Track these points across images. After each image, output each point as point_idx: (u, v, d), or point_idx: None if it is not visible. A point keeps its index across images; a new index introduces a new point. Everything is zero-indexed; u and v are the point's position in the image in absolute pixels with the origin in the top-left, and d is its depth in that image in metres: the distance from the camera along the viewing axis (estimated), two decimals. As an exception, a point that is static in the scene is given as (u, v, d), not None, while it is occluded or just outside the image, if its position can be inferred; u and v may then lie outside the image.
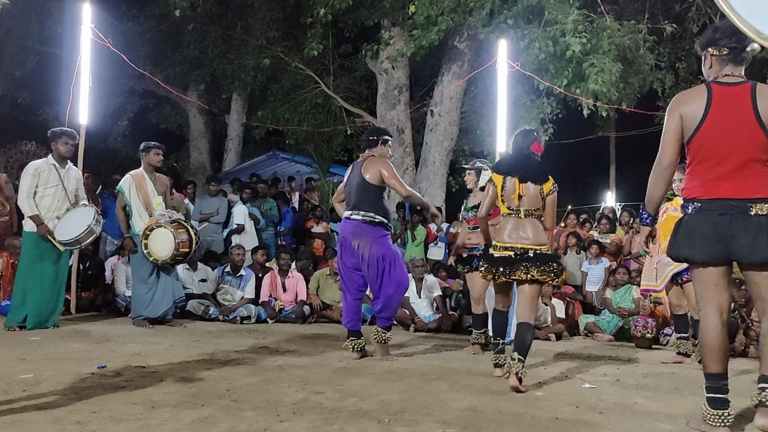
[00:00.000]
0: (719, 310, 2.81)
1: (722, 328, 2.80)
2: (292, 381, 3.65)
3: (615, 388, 3.88)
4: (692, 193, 2.86)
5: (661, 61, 9.96)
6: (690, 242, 2.82)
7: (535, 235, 3.86)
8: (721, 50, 2.84)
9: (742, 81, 2.81)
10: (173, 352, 4.55)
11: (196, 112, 13.79)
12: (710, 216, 2.77)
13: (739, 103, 2.76)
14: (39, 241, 5.57)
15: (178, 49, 12.73)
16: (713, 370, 2.79)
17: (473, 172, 5.40)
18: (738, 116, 2.75)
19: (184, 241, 5.92)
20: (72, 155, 5.86)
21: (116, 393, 3.20)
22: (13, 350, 4.39)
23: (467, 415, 3.04)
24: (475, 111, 11.61)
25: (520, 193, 3.89)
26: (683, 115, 2.85)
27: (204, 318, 6.84)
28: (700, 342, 2.87)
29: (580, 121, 10.32)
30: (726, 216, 2.73)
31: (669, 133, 2.90)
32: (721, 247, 2.74)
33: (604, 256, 7.92)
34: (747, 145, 2.74)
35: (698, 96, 2.84)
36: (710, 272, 2.81)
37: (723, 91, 2.81)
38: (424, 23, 9.13)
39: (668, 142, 2.90)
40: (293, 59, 12.00)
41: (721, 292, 2.82)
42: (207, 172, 13.17)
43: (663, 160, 2.92)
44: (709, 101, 2.79)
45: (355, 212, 4.65)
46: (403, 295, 4.94)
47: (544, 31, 8.55)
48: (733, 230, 2.72)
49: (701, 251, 2.79)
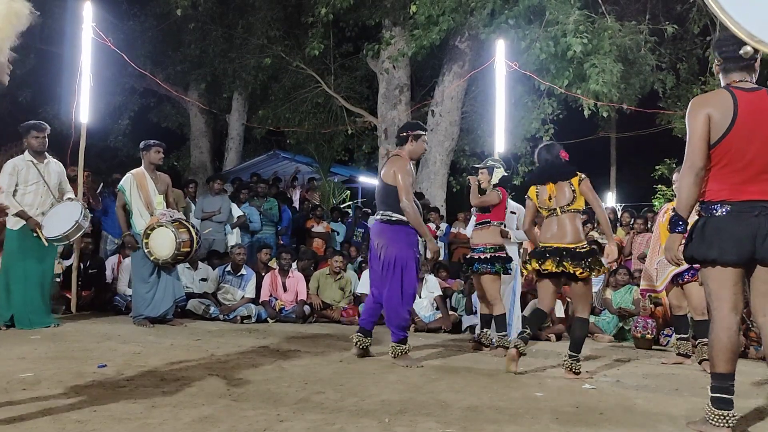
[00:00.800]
0: (735, 310, 2.82)
1: (737, 328, 2.81)
2: (293, 381, 3.65)
3: (615, 389, 3.88)
4: (720, 196, 2.85)
5: (662, 62, 9.95)
6: (719, 243, 2.81)
7: (573, 234, 4.17)
8: (721, 59, 2.92)
9: (757, 87, 2.87)
10: (173, 352, 4.55)
11: (196, 112, 13.79)
12: (743, 217, 2.78)
13: (761, 108, 2.81)
14: (22, 239, 5.48)
15: (179, 48, 12.72)
16: (722, 370, 2.78)
17: (485, 171, 5.38)
18: (762, 121, 2.80)
19: (185, 240, 5.91)
20: (45, 148, 5.68)
21: (116, 392, 3.20)
22: (13, 349, 4.39)
23: (467, 415, 3.04)
24: (476, 111, 11.60)
25: (551, 194, 4.25)
26: (712, 117, 2.84)
27: (204, 317, 6.85)
28: (712, 341, 2.84)
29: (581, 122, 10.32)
30: (761, 217, 2.76)
31: (697, 134, 2.86)
32: (750, 247, 2.76)
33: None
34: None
35: (724, 99, 2.85)
36: (732, 272, 2.82)
37: (745, 96, 2.85)
38: (425, 23, 9.13)
39: (697, 144, 2.86)
40: (294, 59, 12.00)
41: (738, 293, 2.83)
42: (208, 172, 13.16)
43: (696, 162, 2.86)
44: (736, 106, 2.82)
45: (377, 213, 4.66)
46: (406, 306, 4.59)
47: (545, 31, 8.54)
48: (765, 231, 2.74)
49: (731, 252, 2.78)
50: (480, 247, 5.31)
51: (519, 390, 3.69)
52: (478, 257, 5.28)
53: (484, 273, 5.24)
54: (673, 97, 10.53)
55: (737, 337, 2.81)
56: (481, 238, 5.33)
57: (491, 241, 5.28)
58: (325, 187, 12.53)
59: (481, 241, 5.32)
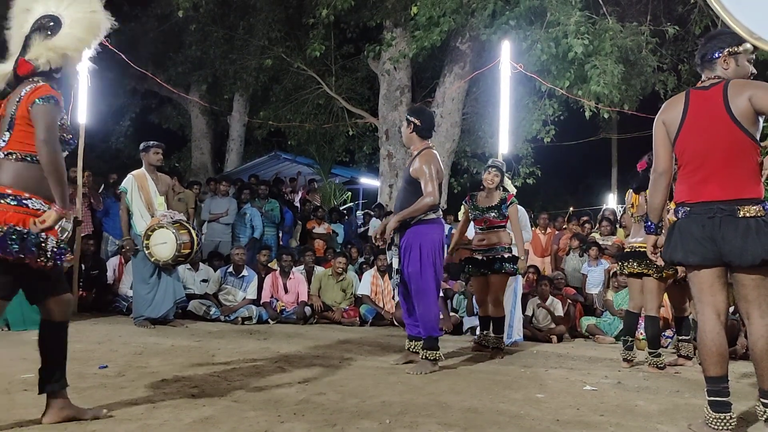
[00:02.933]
0: (716, 313, 2.81)
1: (720, 330, 2.79)
2: (293, 382, 3.65)
3: (616, 391, 3.88)
4: (681, 197, 2.89)
5: (663, 63, 9.95)
6: (683, 246, 2.83)
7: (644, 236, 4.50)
8: (695, 61, 2.99)
9: (716, 82, 2.84)
10: (174, 353, 4.56)
11: (198, 113, 13.81)
12: (699, 219, 2.79)
13: (713, 105, 2.79)
14: None
15: (180, 49, 12.74)
16: (712, 374, 2.78)
17: (495, 171, 5.22)
18: (712, 117, 2.78)
19: (185, 242, 5.92)
20: None
21: (117, 393, 3.20)
22: (14, 350, 4.39)
23: (468, 416, 3.03)
24: (477, 112, 11.60)
25: (633, 202, 4.90)
26: (665, 121, 2.96)
27: (205, 318, 6.85)
28: (699, 345, 2.87)
29: (582, 123, 10.32)
30: (714, 219, 2.74)
31: (656, 140, 3.00)
32: (712, 249, 2.75)
33: (604, 258, 7.91)
34: (725, 145, 2.76)
35: (677, 102, 2.94)
36: (705, 274, 2.82)
37: (698, 95, 2.88)
38: (426, 24, 9.13)
39: (657, 149, 3.00)
40: (295, 60, 12.01)
41: (716, 294, 2.82)
42: (209, 173, 13.18)
43: (657, 167, 3.02)
44: (687, 106, 2.87)
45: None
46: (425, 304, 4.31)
47: (546, 32, 8.55)
48: (723, 233, 2.72)
49: (693, 254, 2.80)
50: (499, 246, 5.15)
51: (520, 391, 3.69)
52: (500, 256, 5.12)
53: (507, 273, 5.13)
54: (674, 99, 10.53)
55: (721, 340, 2.78)
56: (499, 237, 5.19)
57: (508, 241, 5.20)
58: (326, 189, 12.54)
59: (498, 241, 5.17)
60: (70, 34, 2.66)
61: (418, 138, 4.42)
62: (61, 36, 2.64)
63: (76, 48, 2.70)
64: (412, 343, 4.47)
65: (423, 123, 4.42)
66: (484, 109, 11.07)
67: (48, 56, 2.61)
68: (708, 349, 2.79)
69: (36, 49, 2.61)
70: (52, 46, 2.62)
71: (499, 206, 5.17)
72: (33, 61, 2.60)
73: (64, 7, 2.68)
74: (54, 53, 2.62)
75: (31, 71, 2.60)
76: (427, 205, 4.22)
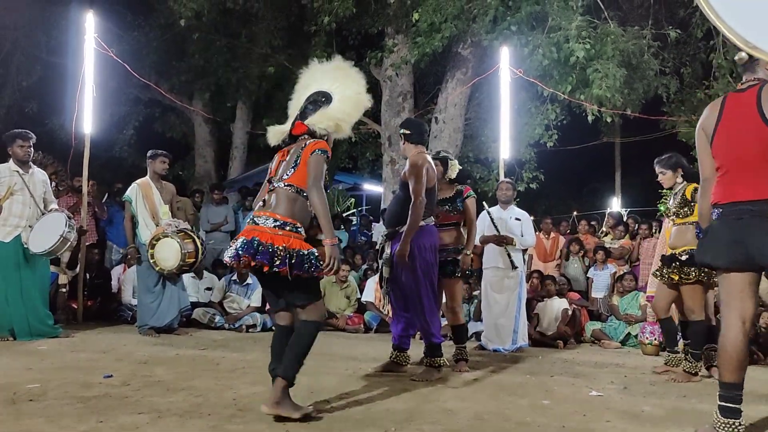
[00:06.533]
0: (742, 319, 2.76)
1: (743, 338, 2.75)
2: (298, 389, 3.64)
3: (622, 396, 3.86)
4: (715, 199, 2.88)
5: (665, 67, 9.93)
6: (713, 248, 2.82)
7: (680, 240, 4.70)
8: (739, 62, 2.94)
9: (753, 84, 2.84)
10: (179, 362, 4.56)
11: (201, 121, 13.84)
12: (727, 221, 2.78)
13: (746, 106, 2.79)
14: (15, 251, 5.37)
15: (183, 58, 12.78)
16: (728, 380, 2.75)
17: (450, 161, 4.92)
18: (745, 119, 2.78)
19: (190, 251, 5.92)
20: (29, 158, 5.53)
21: (123, 402, 3.20)
22: (19, 360, 4.40)
23: (474, 423, 3.02)
24: (479, 117, 11.59)
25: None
26: (703, 127, 2.96)
27: (210, 326, 6.84)
28: (719, 350, 2.83)
29: (585, 127, 10.27)
30: (742, 221, 2.72)
31: (698, 147, 3.02)
32: (741, 252, 2.71)
33: (610, 262, 7.87)
34: (757, 146, 2.74)
35: (714, 107, 2.94)
36: (735, 278, 2.78)
37: (734, 98, 2.88)
38: (427, 30, 9.15)
39: (700, 156, 3.01)
40: (298, 67, 11.94)
41: (745, 300, 2.77)
42: (212, 181, 13.19)
43: (702, 174, 3.02)
44: (722, 109, 2.87)
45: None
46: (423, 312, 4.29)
47: (547, 37, 8.55)
48: (751, 235, 2.69)
49: (721, 257, 2.78)
50: (451, 247, 4.67)
51: (525, 398, 3.67)
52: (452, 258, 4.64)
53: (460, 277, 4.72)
54: (676, 102, 10.50)
55: (743, 347, 2.74)
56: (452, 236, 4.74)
57: (464, 241, 4.77)
58: (329, 195, 12.55)
59: (451, 241, 4.71)
60: (341, 109, 3.30)
61: (411, 145, 4.45)
62: (333, 108, 3.28)
63: (344, 120, 3.33)
64: (394, 352, 4.51)
65: (411, 130, 4.46)
66: (487, 114, 11.06)
67: (326, 123, 3.24)
68: (728, 355, 2.76)
69: (316, 117, 3.23)
70: (329, 116, 3.25)
71: (454, 199, 4.79)
72: (311, 125, 3.21)
73: (336, 86, 3.36)
74: (330, 121, 3.26)
75: (303, 132, 3.22)
76: (418, 207, 4.16)
